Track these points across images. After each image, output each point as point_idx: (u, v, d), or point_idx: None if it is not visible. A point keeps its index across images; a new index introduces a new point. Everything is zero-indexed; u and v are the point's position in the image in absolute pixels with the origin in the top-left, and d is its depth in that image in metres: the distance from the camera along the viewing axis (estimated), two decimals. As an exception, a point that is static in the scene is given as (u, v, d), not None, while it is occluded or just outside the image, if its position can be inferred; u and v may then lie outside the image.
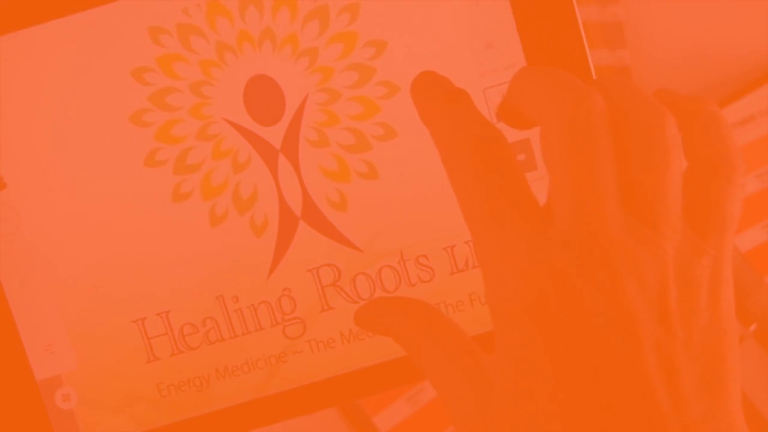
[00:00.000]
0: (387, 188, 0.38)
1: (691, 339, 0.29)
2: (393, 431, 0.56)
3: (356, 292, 0.39)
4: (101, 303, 0.38)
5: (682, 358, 0.29)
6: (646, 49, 0.64)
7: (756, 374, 0.61)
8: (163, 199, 0.38)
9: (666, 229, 0.29)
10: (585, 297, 0.28)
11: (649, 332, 0.28)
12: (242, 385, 0.39)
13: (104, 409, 0.39)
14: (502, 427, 0.29)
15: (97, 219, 0.38)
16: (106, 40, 0.37)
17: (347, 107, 0.38)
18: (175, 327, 0.39)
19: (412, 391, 0.57)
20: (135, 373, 0.39)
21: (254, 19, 0.38)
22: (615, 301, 0.28)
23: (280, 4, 0.38)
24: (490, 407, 0.30)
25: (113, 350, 0.39)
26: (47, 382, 0.39)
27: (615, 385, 0.28)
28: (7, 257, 0.38)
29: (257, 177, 0.38)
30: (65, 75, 0.37)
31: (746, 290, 0.58)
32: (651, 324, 0.28)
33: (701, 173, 0.31)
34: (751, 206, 0.60)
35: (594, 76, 0.38)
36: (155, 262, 0.38)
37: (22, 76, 0.37)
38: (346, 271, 0.39)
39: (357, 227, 0.38)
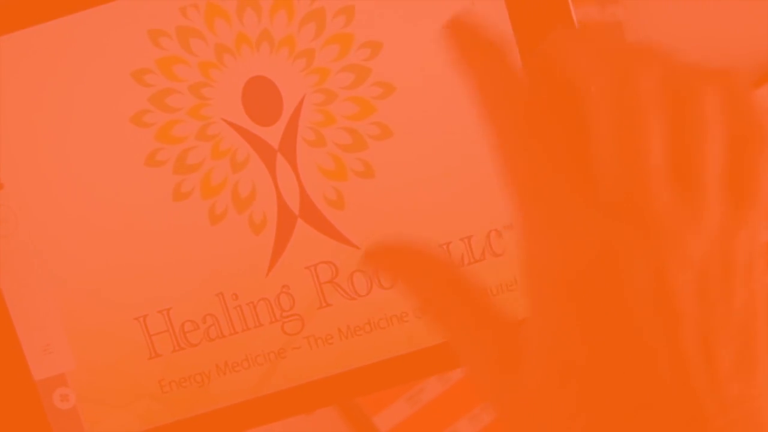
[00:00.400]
0: (383, 186, 0.39)
1: (728, 318, 0.28)
2: (393, 431, 0.57)
3: (353, 289, 0.39)
4: (102, 302, 0.39)
5: (720, 338, 0.28)
6: (647, 49, 0.64)
7: None
8: (163, 198, 0.39)
9: (710, 204, 0.28)
10: (629, 274, 0.27)
11: (690, 312, 0.27)
12: (242, 380, 0.40)
13: (106, 406, 0.39)
14: (529, 402, 0.29)
15: (98, 219, 0.39)
16: (106, 42, 0.38)
17: (343, 107, 0.39)
18: (176, 324, 0.39)
19: (412, 391, 0.57)
20: (137, 369, 0.39)
21: (252, 22, 0.38)
22: (659, 281, 0.27)
23: (277, 7, 0.38)
24: (517, 380, 0.29)
25: (114, 348, 0.39)
26: (46, 382, 0.39)
27: (652, 367, 0.27)
28: (6, 258, 0.39)
29: (256, 176, 0.39)
30: (66, 76, 0.38)
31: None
32: (692, 303, 0.28)
33: (733, 146, 0.29)
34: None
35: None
36: (156, 260, 0.39)
37: (23, 76, 0.38)
38: (343, 268, 0.39)
39: (354, 225, 0.39)
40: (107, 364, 0.39)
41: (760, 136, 0.29)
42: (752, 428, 0.28)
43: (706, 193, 0.28)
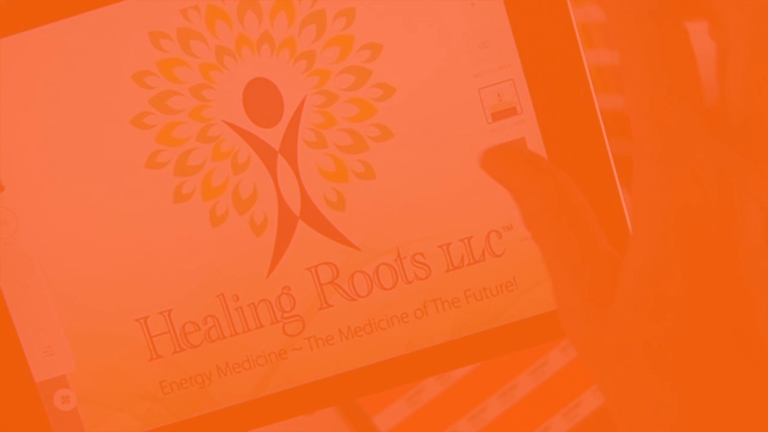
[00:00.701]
0: (384, 188, 0.39)
1: None
2: (393, 431, 0.57)
3: (354, 290, 0.39)
4: (102, 303, 0.39)
5: None
6: (648, 49, 0.64)
7: None
8: (164, 200, 0.39)
9: None
10: (741, 212, 0.27)
11: None
12: (243, 381, 0.40)
13: (107, 407, 0.39)
14: (616, 336, 0.28)
15: (99, 221, 0.39)
16: (107, 44, 0.38)
17: (344, 109, 0.39)
18: (177, 325, 0.39)
19: (412, 391, 0.58)
20: (138, 371, 0.39)
21: (253, 24, 0.38)
22: None
23: (278, 9, 0.38)
24: (607, 313, 0.29)
25: (115, 349, 0.39)
26: (46, 384, 0.39)
27: (748, 314, 0.27)
28: (6, 260, 0.39)
29: (257, 178, 0.39)
30: (66, 78, 0.38)
31: None
32: None
33: None
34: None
35: (588, 75, 0.38)
36: (157, 262, 0.39)
37: (23, 79, 0.38)
38: (344, 269, 0.39)
39: (355, 226, 0.39)
40: (108, 365, 0.39)
41: None
42: None
43: None
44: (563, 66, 0.38)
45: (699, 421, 0.28)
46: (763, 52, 0.27)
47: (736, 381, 0.27)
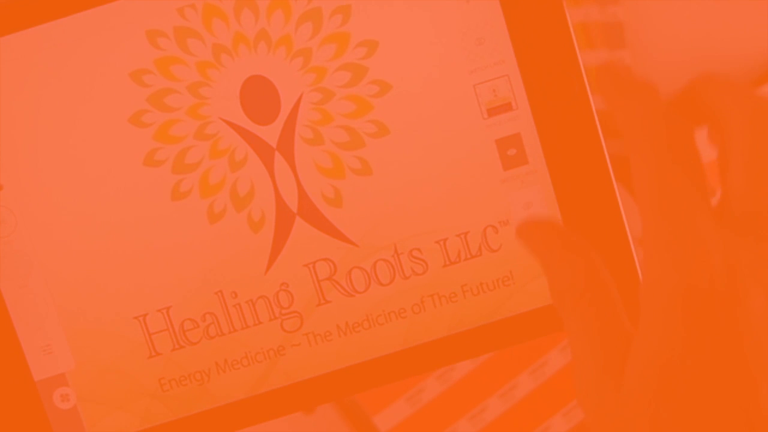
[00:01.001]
0: (380, 184, 0.39)
1: None
2: (393, 431, 0.57)
3: (352, 286, 0.40)
4: (101, 301, 0.39)
5: None
6: (646, 49, 0.64)
7: None
8: (162, 197, 0.39)
9: None
10: (746, 297, 0.28)
11: None
12: (242, 378, 0.40)
13: (106, 405, 0.40)
14: (621, 407, 0.29)
15: (97, 219, 0.39)
16: (104, 43, 0.38)
17: (340, 106, 0.39)
18: (176, 322, 0.39)
19: (412, 391, 0.58)
20: (137, 368, 0.40)
21: (249, 22, 0.38)
22: None
23: (274, 6, 0.38)
24: (616, 384, 0.30)
25: (114, 347, 0.39)
26: (46, 383, 0.39)
27: (749, 398, 0.28)
28: (5, 259, 0.39)
29: (254, 175, 0.39)
30: (65, 77, 0.38)
31: None
32: None
33: None
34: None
35: (582, 70, 0.39)
36: (156, 259, 0.39)
37: (22, 77, 0.38)
38: (341, 265, 0.39)
39: (352, 222, 0.39)
40: (107, 363, 0.39)
41: None
42: None
43: None
44: (558, 62, 0.39)
45: None
46: (761, 150, 0.30)
47: None
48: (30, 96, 0.38)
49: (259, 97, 0.39)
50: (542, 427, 0.58)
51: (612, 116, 0.34)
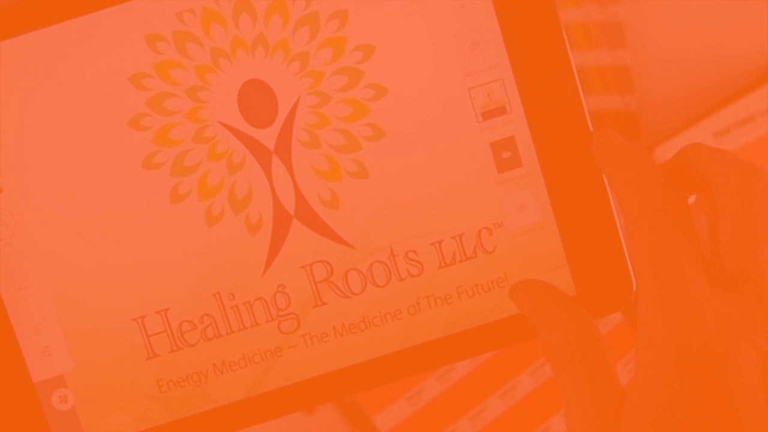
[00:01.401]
0: (377, 186, 0.39)
1: None
2: (393, 431, 0.57)
3: (348, 287, 0.40)
4: (100, 303, 0.40)
5: None
6: (646, 49, 0.65)
7: None
8: (161, 200, 0.39)
9: None
10: (738, 356, 0.29)
11: None
12: (240, 379, 0.40)
13: (105, 406, 0.40)
14: None
15: (96, 221, 0.39)
16: (104, 47, 0.39)
17: (337, 109, 0.39)
18: (174, 324, 0.40)
19: (412, 391, 0.58)
20: (135, 370, 0.40)
21: (247, 26, 0.39)
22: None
23: (272, 11, 0.39)
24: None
25: (112, 349, 0.40)
26: (44, 384, 0.40)
27: None
28: (4, 261, 0.39)
29: (252, 177, 0.39)
30: (64, 81, 0.39)
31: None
32: None
33: None
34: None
35: (575, 74, 0.39)
36: (154, 261, 0.39)
37: (21, 81, 0.39)
38: (338, 267, 0.40)
39: (348, 224, 0.40)
40: (105, 365, 0.40)
41: None
42: None
43: None
44: (551, 65, 0.39)
45: None
46: (748, 216, 0.31)
47: None
48: (29, 99, 0.39)
49: (256, 100, 0.39)
50: (542, 427, 0.58)
51: (607, 182, 0.36)
